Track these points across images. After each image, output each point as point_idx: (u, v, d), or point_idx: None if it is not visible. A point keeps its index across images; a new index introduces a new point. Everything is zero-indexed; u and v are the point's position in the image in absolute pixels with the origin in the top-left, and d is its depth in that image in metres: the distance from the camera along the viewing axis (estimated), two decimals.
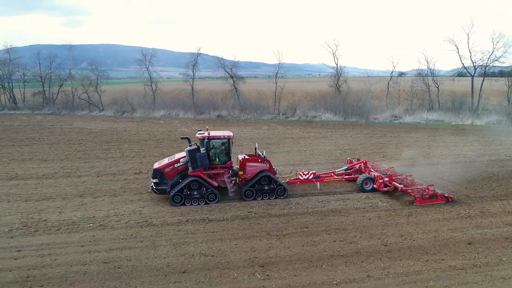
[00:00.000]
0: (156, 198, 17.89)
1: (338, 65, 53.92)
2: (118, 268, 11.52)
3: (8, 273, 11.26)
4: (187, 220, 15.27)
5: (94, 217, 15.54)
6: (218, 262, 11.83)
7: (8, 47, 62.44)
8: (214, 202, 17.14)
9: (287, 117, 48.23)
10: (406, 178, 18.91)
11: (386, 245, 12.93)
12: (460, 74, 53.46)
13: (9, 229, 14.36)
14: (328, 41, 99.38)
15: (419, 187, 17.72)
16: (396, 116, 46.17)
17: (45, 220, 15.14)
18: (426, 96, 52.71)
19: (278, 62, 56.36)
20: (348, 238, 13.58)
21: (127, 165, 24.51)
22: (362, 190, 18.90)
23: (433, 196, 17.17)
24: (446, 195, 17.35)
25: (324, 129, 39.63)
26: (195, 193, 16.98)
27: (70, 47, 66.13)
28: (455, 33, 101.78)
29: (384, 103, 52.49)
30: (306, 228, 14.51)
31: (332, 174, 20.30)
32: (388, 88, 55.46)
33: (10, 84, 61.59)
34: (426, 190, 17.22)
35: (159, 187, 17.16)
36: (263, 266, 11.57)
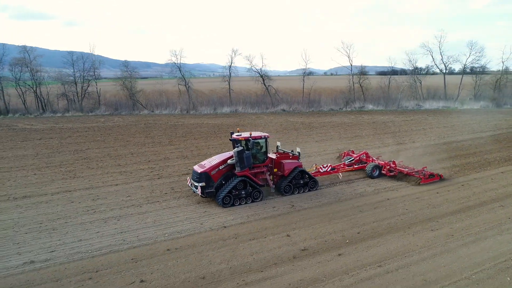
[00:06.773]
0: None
1: (352, 65, 66.27)
2: None
3: None
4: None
5: None
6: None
7: None
8: (258, 200, 17.49)
9: (341, 108, 58.00)
10: (400, 163, 21.55)
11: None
12: (435, 72, 71.37)
13: None
14: (343, 44, 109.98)
15: (418, 169, 20.31)
16: (418, 104, 60.29)
17: None
18: (413, 89, 68.76)
19: (305, 66, 65.76)
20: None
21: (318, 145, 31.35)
22: (370, 176, 20.78)
23: (431, 176, 19.85)
24: (440, 174, 20.17)
25: (396, 116, 50.66)
26: (242, 192, 17.08)
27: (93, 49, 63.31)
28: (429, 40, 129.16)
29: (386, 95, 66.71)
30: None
31: (343, 165, 21.81)
32: (389, 84, 70.00)
33: (35, 83, 56.81)
34: (425, 171, 19.98)
35: (207, 191, 16.79)
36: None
